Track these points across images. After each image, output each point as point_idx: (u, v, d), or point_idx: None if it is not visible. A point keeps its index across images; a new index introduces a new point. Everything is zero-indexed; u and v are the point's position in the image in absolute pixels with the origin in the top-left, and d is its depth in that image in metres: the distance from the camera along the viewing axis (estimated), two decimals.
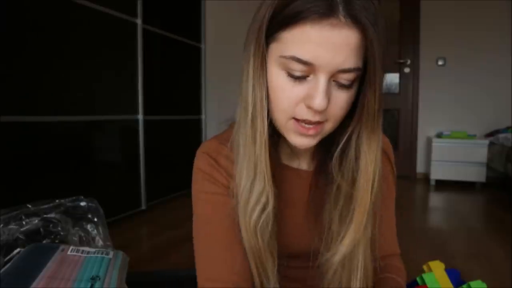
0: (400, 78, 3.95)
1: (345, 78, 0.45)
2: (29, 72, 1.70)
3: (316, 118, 0.47)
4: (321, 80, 0.44)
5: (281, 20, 0.45)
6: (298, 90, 0.46)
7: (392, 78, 3.98)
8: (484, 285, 0.85)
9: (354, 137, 0.51)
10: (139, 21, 2.39)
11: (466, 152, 3.37)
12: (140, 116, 2.45)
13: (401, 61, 3.91)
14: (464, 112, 3.76)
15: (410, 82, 3.92)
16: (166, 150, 2.79)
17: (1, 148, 1.57)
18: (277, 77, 0.47)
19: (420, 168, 3.91)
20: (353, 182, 0.51)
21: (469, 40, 3.67)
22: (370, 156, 0.49)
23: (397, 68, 3.94)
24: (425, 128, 3.90)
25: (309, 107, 0.46)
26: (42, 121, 1.76)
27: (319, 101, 0.44)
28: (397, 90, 3.98)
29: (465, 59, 3.71)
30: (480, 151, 3.34)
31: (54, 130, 1.84)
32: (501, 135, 3.24)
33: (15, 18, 1.61)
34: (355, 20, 0.42)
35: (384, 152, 0.58)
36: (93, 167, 2.11)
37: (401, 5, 3.89)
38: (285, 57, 0.45)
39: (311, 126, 0.48)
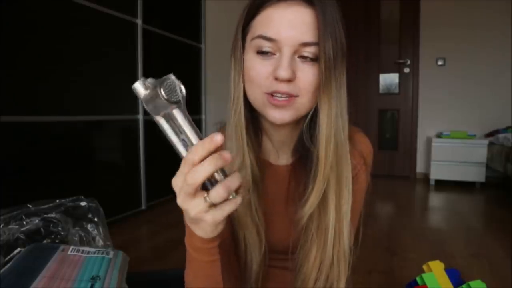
0: (400, 78, 3.95)
1: (307, 51, 0.51)
2: (29, 72, 1.70)
3: (284, 88, 0.51)
4: (285, 53, 0.50)
5: (251, 13, 0.53)
6: (267, 65, 0.52)
7: (392, 78, 3.99)
8: (484, 285, 0.85)
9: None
10: (139, 21, 2.39)
11: (466, 152, 3.37)
12: (140, 116, 2.45)
13: (401, 61, 3.91)
14: (464, 112, 3.76)
15: (410, 82, 3.92)
16: (166, 150, 2.77)
17: (1, 148, 1.57)
18: (249, 59, 0.53)
19: (420, 168, 3.91)
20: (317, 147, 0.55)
21: (469, 40, 3.67)
22: (322, 116, 0.52)
23: (397, 68, 3.94)
24: (425, 128, 3.90)
25: (276, 79, 0.50)
26: (42, 121, 1.76)
27: (283, 70, 0.49)
28: (397, 90, 3.98)
29: (465, 59, 3.71)
30: (480, 151, 3.34)
31: (54, 130, 1.84)
32: (501, 135, 3.24)
33: (15, 18, 1.61)
34: (307, 1, 0.50)
35: (360, 155, 0.60)
36: (93, 167, 2.11)
37: (401, 5, 3.89)
38: (254, 38, 0.52)
39: (283, 97, 0.51)
